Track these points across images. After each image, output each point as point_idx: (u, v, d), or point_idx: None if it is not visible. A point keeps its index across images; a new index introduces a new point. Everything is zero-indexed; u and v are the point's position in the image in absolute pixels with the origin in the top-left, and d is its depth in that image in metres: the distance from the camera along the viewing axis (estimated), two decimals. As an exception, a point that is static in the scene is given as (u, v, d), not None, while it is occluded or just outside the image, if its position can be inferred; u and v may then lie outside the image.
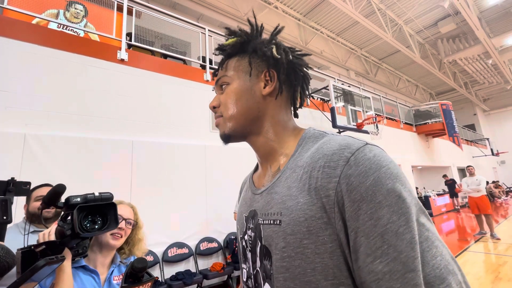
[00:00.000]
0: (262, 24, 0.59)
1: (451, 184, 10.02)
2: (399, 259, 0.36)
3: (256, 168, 0.67)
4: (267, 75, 0.57)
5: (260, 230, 0.52)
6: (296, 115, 0.63)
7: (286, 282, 0.44)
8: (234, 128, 0.57)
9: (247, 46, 0.58)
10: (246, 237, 0.58)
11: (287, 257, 0.44)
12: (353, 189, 0.39)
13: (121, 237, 1.02)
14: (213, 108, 0.60)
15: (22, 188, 0.84)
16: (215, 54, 0.64)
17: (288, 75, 0.58)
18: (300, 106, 0.63)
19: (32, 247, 0.72)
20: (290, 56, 0.58)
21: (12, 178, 0.85)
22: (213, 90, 0.67)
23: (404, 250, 0.36)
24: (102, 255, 1.00)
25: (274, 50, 0.56)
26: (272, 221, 0.49)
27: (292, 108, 0.62)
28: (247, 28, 0.61)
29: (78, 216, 0.71)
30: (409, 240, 0.36)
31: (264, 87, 0.57)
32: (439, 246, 0.39)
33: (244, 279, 0.59)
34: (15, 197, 0.90)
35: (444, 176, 10.38)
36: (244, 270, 0.59)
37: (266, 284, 0.50)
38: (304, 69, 0.60)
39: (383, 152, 0.43)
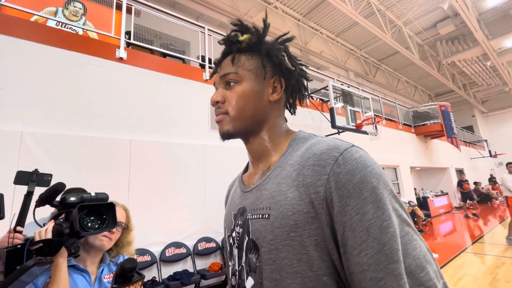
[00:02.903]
0: (269, 24, 0.60)
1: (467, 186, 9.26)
2: (383, 251, 0.38)
3: (246, 169, 0.70)
4: (276, 82, 0.59)
5: (249, 225, 0.53)
6: (285, 119, 0.66)
7: (273, 274, 0.46)
8: (239, 128, 0.58)
9: (259, 46, 0.58)
10: (233, 234, 0.59)
11: (274, 249, 0.47)
12: (341, 186, 0.42)
13: (111, 240, 1.02)
14: (216, 103, 0.59)
15: (43, 179, 0.91)
16: (220, 44, 0.62)
17: (293, 85, 0.61)
18: (294, 113, 0.67)
19: (19, 245, 0.71)
20: (299, 68, 0.61)
21: (36, 170, 0.91)
22: (209, 79, 0.67)
23: (387, 242, 0.39)
24: (91, 255, 1.01)
25: (286, 59, 0.59)
26: (260, 216, 0.51)
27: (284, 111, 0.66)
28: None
29: (78, 215, 0.70)
30: (392, 233, 0.39)
31: (272, 93, 0.59)
32: (418, 240, 0.42)
33: (229, 277, 0.61)
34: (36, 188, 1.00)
35: (462, 174, 9.70)
36: (229, 268, 0.61)
37: (249, 277, 0.52)
38: (305, 80, 0.64)
39: (368, 154, 0.47)
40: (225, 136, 0.59)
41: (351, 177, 0.42)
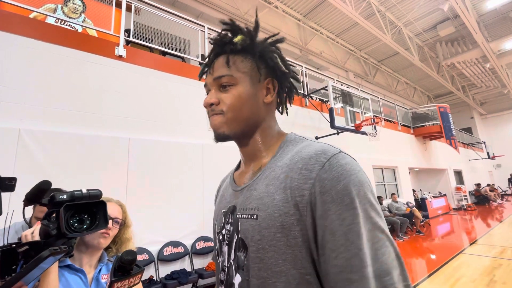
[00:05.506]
0: (259, 24, 0.59)
1: None
2: (358, 255, 0.41)
3: (238, 167, 0.71)
4: (269, 84, 0.60)
5: (238, 224, 0.55)
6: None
7: (260, 272, 0.49)
8: (235, 131, 0.58)
9: (252, 48, 0.58)
10: (223, 231, 0.61)
11: (262, 249, 0.49)
12: (325, 192, 0.44)
13: (108, 236, 0.99)
14: (210, 105, 0.58)
15: (6, 183, 0.80)
16: (212, 43, 0.60)
17: (286, 87, 0.63)
18: (282, 113, 0.67)
19: (13, 245, 0.69)
20: (291, 70, 0.62)
21: None
22: (201, 80, 0.65)
23: (362, 247, 0.41)
24: (88, 254, 0.97)
25: (279, 61, 0.59)
26: (249, 216, 0.53)
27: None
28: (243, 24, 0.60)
29: (64, 215, 0.67)
30: (364, 240, 0.42)
31: (266, 95, 0.60)
32: (389, 246, 0.44)
33: (218, 272, 0.63)
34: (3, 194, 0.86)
35: None
36: (219, 264, 0.63)
37: (237, 275, 0.54)
38: (294, 81, 0.65)
39: (354, 161, 0.48)
40: (220, 138, 0.59)
41: (335, 184, 0.44)
